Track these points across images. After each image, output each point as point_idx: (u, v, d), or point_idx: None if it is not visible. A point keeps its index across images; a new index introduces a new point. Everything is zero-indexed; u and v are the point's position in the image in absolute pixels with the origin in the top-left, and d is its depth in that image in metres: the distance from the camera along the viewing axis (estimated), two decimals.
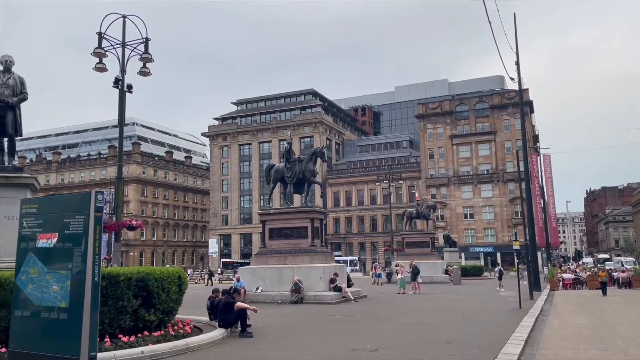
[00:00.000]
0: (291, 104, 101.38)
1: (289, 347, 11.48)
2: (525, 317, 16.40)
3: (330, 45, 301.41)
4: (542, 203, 61.59)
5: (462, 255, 70.23)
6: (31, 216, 7.15)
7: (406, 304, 23.10)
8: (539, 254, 43.77)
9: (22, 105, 12.74)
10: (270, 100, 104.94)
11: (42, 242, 6.84)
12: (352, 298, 23.75)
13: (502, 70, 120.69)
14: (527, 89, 69.34)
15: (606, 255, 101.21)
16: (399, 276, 31.79)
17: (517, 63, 32.25)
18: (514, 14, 32.73)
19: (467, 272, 48.53)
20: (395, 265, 42.96)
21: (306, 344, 12.11)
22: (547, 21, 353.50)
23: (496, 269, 40.41)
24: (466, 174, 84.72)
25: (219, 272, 66.67)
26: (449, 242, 56.19)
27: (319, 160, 28.35)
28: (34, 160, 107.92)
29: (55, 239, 6.75)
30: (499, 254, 78.83)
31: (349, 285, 25.94)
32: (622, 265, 52.84)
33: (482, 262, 71.83)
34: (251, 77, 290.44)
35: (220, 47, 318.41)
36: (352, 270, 55.98)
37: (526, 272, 28.23)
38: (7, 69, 12.56)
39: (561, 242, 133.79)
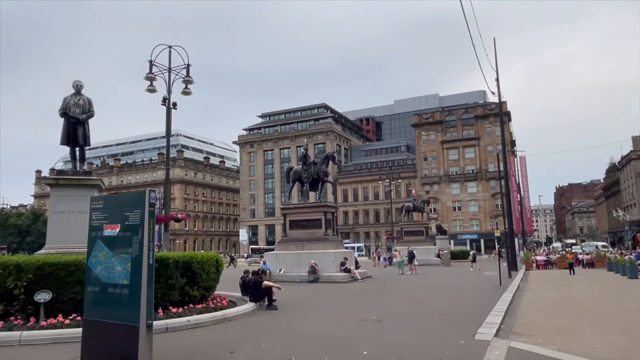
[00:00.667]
0: (306, 116, 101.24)
1: (308, 317, 11.59)
2: (504, 292, 16.32)
3: (339, 65, 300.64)
4: (518, 197, 60.90)
5: (452, 242, 69.57)
6: (99, 210, 7.17)
7: (404, 282, 23.07)
8: (515, 240, 43.27)
9: (90, 120, 12.98)
10: (289, 113, 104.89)
11: (107, 232, 6.88)
12: (360, 278, 23.75)
13: (484, 85, 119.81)
14: (505, 101, 68.64)
15: (573, 241, 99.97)
16: (398, 259, 31.70)
17: (497, 80, 32.05)
18: (494, 39, 32.50)
19: (455, 256, 48.12)
20: (394, 250, 42.82)
21: (322, 315, 12.21)
22: (525, 41, 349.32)
23: (471, 252, 40.43)
24: (454, 173, 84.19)
25: (246, 256, 66.90)
26: (441, 230, 55.72)
27: (330, 163, 28.37)
28: (99, 165, 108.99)
29: (118, 229, 6.77)
30: (482, 241, 78.25)
31: (357, 267, 25.94)
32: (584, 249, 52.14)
33: (468, 248, 71.31)
34: (274, 93, 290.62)
35: (248, 68, 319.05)
36: (359, 255, 55.79)
37: (505, 255, 28.05)
38: (78, 92, 12.81)
39: (534, 230, 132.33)
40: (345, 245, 39.90)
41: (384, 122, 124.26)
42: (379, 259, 42.20)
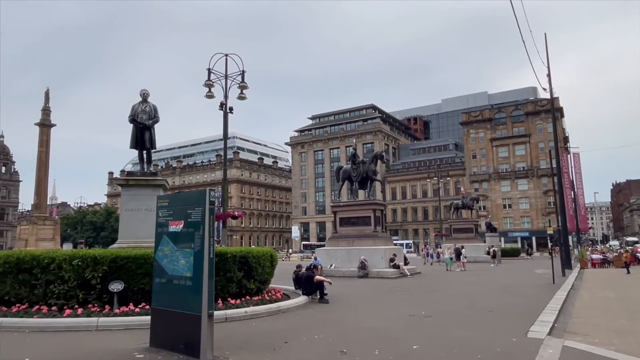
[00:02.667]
0: (355, 117, 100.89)
1: (358, 311, 11.55)
2: (558, 291, 15.49)
3: (387, 66, 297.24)
4: (572, 194, 57.75)
5: (502, 239, 67.04)
6: (164, 208, 7.44)
7: (453, 279, 22.48)
8: (569, 237, 41.02)
9: (155, 126, 13.62)
10: (338, 114, 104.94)
11: (172, 228, 7.13)
12: (409, 274, 23.40)
13: (535, 81, 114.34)
14: (557, 97, 65.26)
15: (635, 239, 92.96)
16: (446, 256, 30.94)
17: (549, 75, 30.39)
18: (545, 34, 30.87)
19: (506, 254, 46.42)
20: (439, 247, 41.77)
21: (372, 309, 12.12)
22: (577, 35, 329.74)
23: (491, 249, 38.45)
24: (504, 170, 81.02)
25: (292, 251, 67.52)
26: (490, 228, 53.79)
27: (379, 161, 28.13)
28: (164, 167, 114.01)
29: (182, 225, 6.98)
30: (534, 238, 74.83)
31: (406, 263, 25.58)
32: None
33: (519, 245, 68.38)
34: (323, 96, 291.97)
35: (299, 72, 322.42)
36: (407, 252, 55.00)
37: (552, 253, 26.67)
38: (145, 99, 13.47)
39: (589, 228, 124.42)
40: (394, 242, 39.38)
41: (431, 121, 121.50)
42: (427, 255, 41.35)
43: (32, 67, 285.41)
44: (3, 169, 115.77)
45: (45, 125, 33.92)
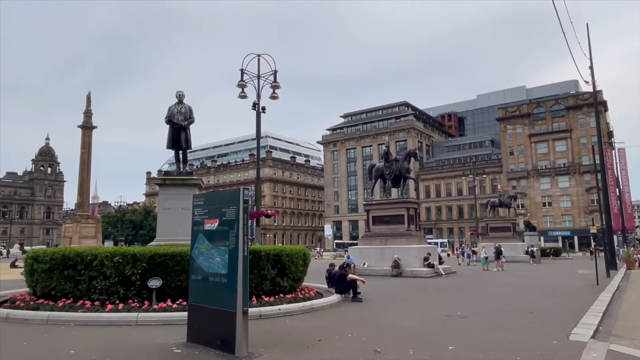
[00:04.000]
0: (387, 114, 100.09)
1: (391, 311, 11.46)
2: (602, 292, 14.84)
3: (420, 62, 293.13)
4: (617, 192, 55.19)
5: (541, 238, 64.98)
6: (200, 207, 7.59)
7: (491, 279, 21.93)
8: (614, 237, 39.22)
9: (191, 126, 13.96)
10: (370, 112, 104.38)
11: (208, 226, 7.27)
12: (443, 273, 23.02)
13: (576, 74, 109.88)
14: (600, 90, 62.37)
15: None
16: (483, 255, 30.22)
17: (591, 68, 29.10)
18: (587, 24, 29.62)
19: (546, 253, 44.92)
20: (475, 247, 40.80)
21: (406, 309, 12.00)
22: (621, 25, 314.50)
23: (529, 249, 37.20)
24: (544, 167, 78.41)
25: (324, 250, 67.49)
26: (529, 227, 52.21)
27: (412, 159, 27.78)
28: (199, 166, 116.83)
29: (217, 224, 7.10)
30: (576, 237, 72.15)
31: (440, 262, 25.16)
32: None
33: (560, 245, 66.01)
34: (355, 94, 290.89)
35: (330, 70, 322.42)
36: (442, 251, 54.09)
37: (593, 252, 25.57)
38: (180, 101, 13.83)
39: (637, 227, 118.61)
40: (428, 240, 38.82)
41: (466, 117, 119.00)
42: (463, 255, 40.53)
43: (73, 71, 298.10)
44: (49, 170, 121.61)
45: (87, 127, 35.40)
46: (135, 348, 7.08)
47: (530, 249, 37.55)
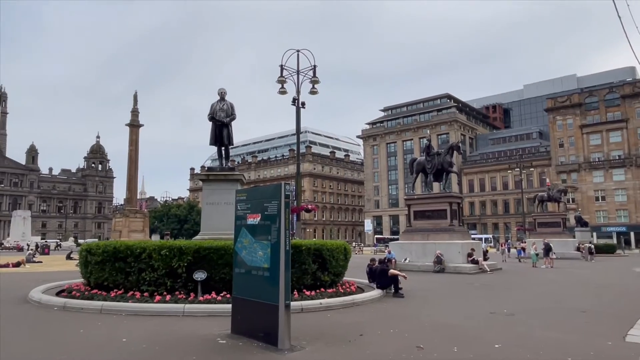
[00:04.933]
0: (429, 107, 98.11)
1: (434, 307, 11.30)
2: None
3: (462, 52, 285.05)
4: None
5: (594, 234, 61.91)
6: (242, 202, 7.76)
7: (539, 276, 21.16)
8: None
9: (232, 123, 14.25)
10: (411, 105, 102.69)
11: (250, 220, 7.42)
12: (488, 270, 22.42)
13: (633, 60, 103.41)
14: None
15: None
16: (532, 252, 29.16)
17: None
18: None
19: (599, 250, 42.69)
20: (522, 242, 39.38)
21: (449, 305, 11.79)
22: None
23: (588, 245, 35.18)
24: (597, 160, 74.33)
25: (364, 245, 67.17)
26: (581, 222, 49.81)
27: (455, 152, 27.17)
28: (240, 162, 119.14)
29: (259, 218, 7.24)
30: (632, 233, 68.22)
31: (485, 259, 24.52)
32: None
33: (614, 241, 62.61)
34: (395, 87, 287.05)
35: (370, 64, 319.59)
36: (486, 247, 52.58)
37: None
38: (222, 98, 14.13)
39: None
40: (472, 236, 37.86)
41: (512, 108, 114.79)
42: (509, 251, 39.27)
43: (120, 71, 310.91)
44: (100, 166, 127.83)
45: (134, 125, 36.87)
46: (183, 338, 7.36)
47: (584, 245, 35.88)
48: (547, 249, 27.92)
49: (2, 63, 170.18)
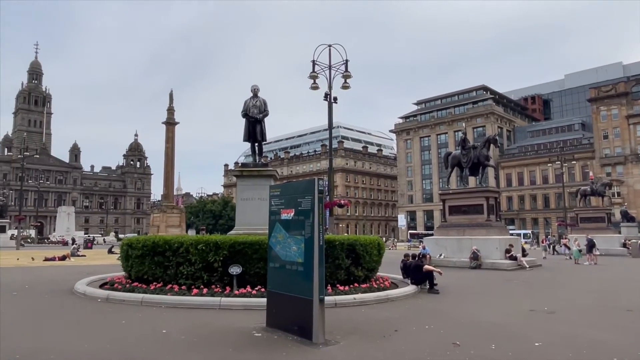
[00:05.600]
0: (464, 100, 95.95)
1: (471, 304, 11.11)
2: None
3: (498, 42, 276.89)
4: None
5: None
6: (276, 197, 7.85)
7: (582, 273, 20.41)
8: None
9: (265, 119, 14.41)
10: (445, 98, 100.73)
11: (284, 216, 7.50)
12: (527, 266, 21.80)
13: None
14: None
15: None
16: (574, 248, 28.13)
17: None
18: None
19: None
20: (563, 238, 38.02)
21: (486, 302, 11.56)
22: None
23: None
24: None
25: (397, 240, 66.52)
26: (627, 217, 47.56)
27: (492, 146, 26.53)
28: (273, 158, 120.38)
29: (292, 213, 7.30)
30: None
31: (524, 255, 23.85)
32: None
33: None
34: (429, 80, 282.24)
35: (401, 57, 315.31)
36: (525, 243, 51.11)
37: None
38: (255, 94, 14.30)
39: None
40: (510, 232, 36.87)
41: (552, 99, 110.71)
42: (550, 247, 38.02)
43: (156, 70, 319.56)
44: (138, 164, 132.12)
45: (170, 123, 37.86)
46: (219, 330, 7.54)
47: (630, 242, 34.28)
48: (591, 245, 26.90)
49: (46, 66, 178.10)
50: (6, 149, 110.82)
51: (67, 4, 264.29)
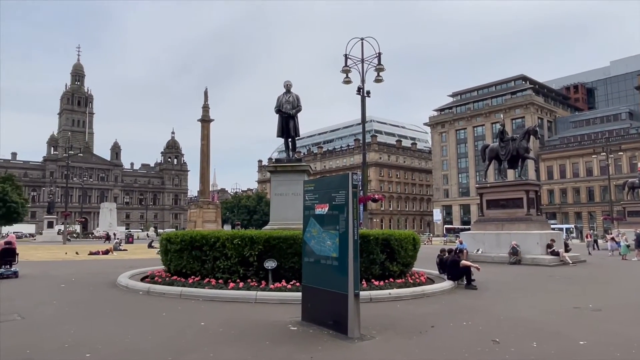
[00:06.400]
0: (502, 90, 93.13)
1: (510, 300, 10.81)
2: None
3: (537, 30, 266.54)
4: None
5: None
6: (310, 192, 7.88)
7: (630, 269, 19.50)
8: None
9: (298, 114, 14.47)
10: (482, 89, 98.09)
11: (318, 211, 7.52)
12: (570, 262, 21.01)
13: None
14: None
15: None
16: (624, 243, 26.88)
17: None
18: None
19: None
20: (610, 233, 36.29)
21: (527, 298, 11.21)
22: None
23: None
24: None
25: (433, 235, 65.40)
26: None
27: (532, 137, 25.65)
28: (306, 153, 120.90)
29: (327, 208, 7.31)
30: None
31: (567, 250, 23.00)
32: None
33: None
34: (464, 72, 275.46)
35: (435, 49, 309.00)
36: (568, 238, 49.22)
37: None
38: (288, 90, 14.39)
39: None
40: (552, 226, 35.60)
41: (597, 87, 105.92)
42: (595, 242, 36.49)
43: (190, 68, 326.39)
44: (175, 161, 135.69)
45: (205, 121, 38.64)
46: (256, 323, 7.67)
47: None
48: (639, 240, 25.62)
49: (87, 67, 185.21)
50: (52, 149, 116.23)
51: (105, 4, 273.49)
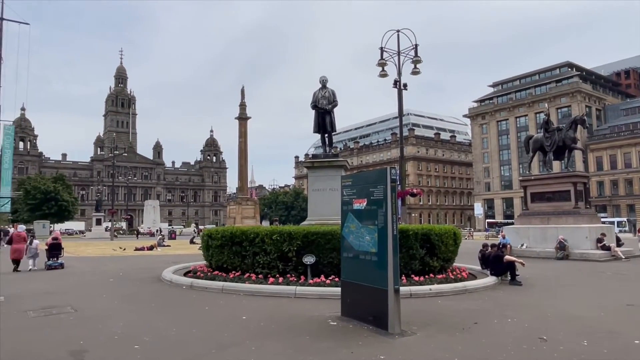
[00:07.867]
0: (546, 78, 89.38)
1: (558, 297, 10.42)
2: None
3: (583, 14, 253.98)
4: None
5: None
6: (348, 187, 7.88)
7: None
8: None
9: (334, 109, 14.46)
10: (524, 78, 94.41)
11: (356, 206, 7.51)
12: (623, 257, 20.02)
13: None
14: None
15: None
16: None
17: None
18: None
19: None
20: None
21: (576, 295, 10.79)
22: None
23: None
24: None
25: (474, 230, 63.70)
26: None
27: (579, 127, 24.55)
28: (342, 148, 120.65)
29: (365, 203, 7.30)
30: None
31: (619, 245, 21.91)
32: None
33: None
34: (505, 61, 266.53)
35: (474, 37, 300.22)
36: (620, 231, 46.84)
37: None
38: (324, 85, 14.39)
39: None
40: (602, 219, 34.00)
41: None
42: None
43: (227, 67, 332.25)
44: (214, 158, 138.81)
45: (242, 118, 39.29)
46: (296, 318, 7.76)
47: None
48: None
49: (129, 69, 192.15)
50: (99, 149, 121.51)
51: (146, 5, 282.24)
